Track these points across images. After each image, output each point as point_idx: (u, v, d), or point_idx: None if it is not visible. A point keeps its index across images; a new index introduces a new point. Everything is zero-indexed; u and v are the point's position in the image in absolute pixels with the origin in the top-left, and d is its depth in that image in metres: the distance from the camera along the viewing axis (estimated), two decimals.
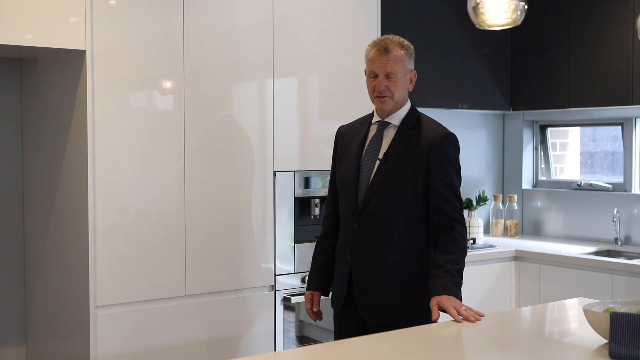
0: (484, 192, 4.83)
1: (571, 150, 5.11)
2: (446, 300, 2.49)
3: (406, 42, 2.68)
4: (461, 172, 2.72)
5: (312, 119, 3.47)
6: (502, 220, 4.89)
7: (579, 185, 4.75)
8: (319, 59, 3.46)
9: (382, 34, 3.64)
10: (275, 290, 3.30)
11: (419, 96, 4.40)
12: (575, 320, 2.51)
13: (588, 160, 5.01)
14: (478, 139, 5.03)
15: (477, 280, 4.18)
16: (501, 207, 4.90)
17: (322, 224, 2.90)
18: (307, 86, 3.48)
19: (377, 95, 2.65)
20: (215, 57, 3.12)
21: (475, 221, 4.61)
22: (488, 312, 3.97)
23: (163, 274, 3.00)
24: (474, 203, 4.74)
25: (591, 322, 2.11)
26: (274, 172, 3.29)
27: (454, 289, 2.54)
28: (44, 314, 3.21)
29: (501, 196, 4.95)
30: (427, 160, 2.60)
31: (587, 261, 4.02)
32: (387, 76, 2.63)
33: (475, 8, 2.59)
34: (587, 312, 2.11)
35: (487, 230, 4.92)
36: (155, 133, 2.98)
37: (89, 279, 2.80)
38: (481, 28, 2.68)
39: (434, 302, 2.50)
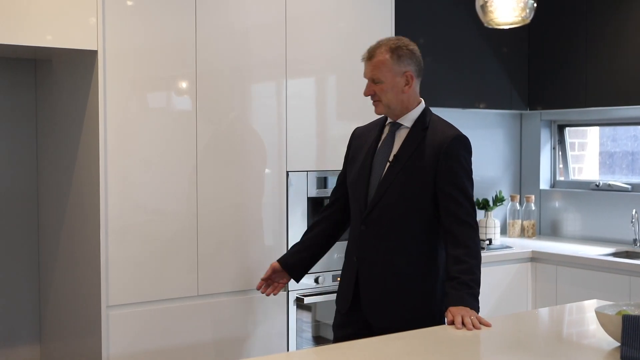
0: (500, 192, 4.80)
1: (590, 150, 5.06)
2: (456, 310, 2.44)
3: (401, 43, 2.65)
4: (473, 175, 2.67)
5: (329, 119, 3.46)
6: (519, 221, 4.85)
7: (597, 186, 4.69)
8: (335, 59, 3.45)
9: (396, 34, 3.63)
10: (288, 291, 3.29)
11: (435, 96, 4.39)
12: (592, 322, 2.48)
13: (607, 160, 4.95)
14: (495, 138, 4.99)
15: (493, 281, 4.15)
16: (518, 208, 4.86)
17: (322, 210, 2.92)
18: (323, 86, 3.47)
19: (371, 99, 2.67)
20: (227, 58, 3.12)
21: (491, 222, 4.58)
22: (504, 314, 3.94)
23: (175, 274, 3.00)
24: (491, 203, 4.71)
25: (603, 325, 2.08)
26: (287, 172, 3.28)
27: (469, 300, 2.48)
28: (57, 313, 3.22)
29: (518, 196, 4.90)
30: (437, 163, 2.57)
31: (604, 262, 3.97)
32: (373, 81, 2.63)
33: (484, 6, 2.56)
34: (600, 315, 2.08)
35: (504, 231, 4.88)
36: (168, 133, 2.98)
37: (100, 279, 2.81)
38: (489, 27, 2.66)
39: (447, 313, 2.46)
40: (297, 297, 3.30)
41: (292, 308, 3.29)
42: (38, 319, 3.36)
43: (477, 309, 2.49)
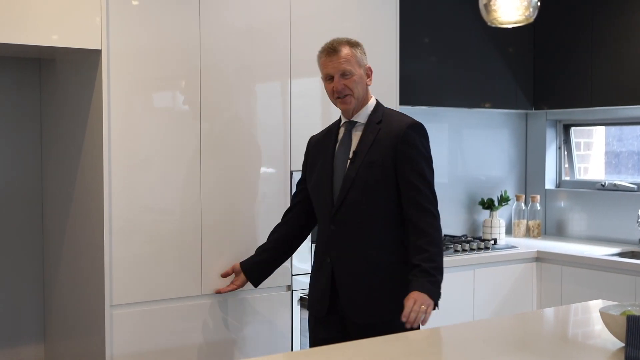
0: (506, 192, 4.79)
1: (596, 149, 5.04)
2: (413, 295, 2.49)
3: (354, 40, 2.74)
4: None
5: (333, 119, 3.43)
6: (525, 221, 4.84)
7: (603, 186, 4.68)
8: None
9: (400, 34, 3.62)
10: (292, 290, 3.28)
11: (440, 96, 4.39)
12: (598, 322, 2.46)
13: (613, 160, 4.93)
14: (500, 138, 4.98)
15: (498, 281, 4.14)
16: (523, 208, 4.84)
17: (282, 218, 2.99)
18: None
19: (337, 96, 2.70)
20: (231, 58, 3.12)
21: (496, 221, 4.57)
22: (509, 314, 3.93)
23: (179, 273, 3.00)
24: (496, 203, 4.70)
25: (608, 325, 2.08)
26: (291, 172, 3.28)
27: (430, 287, 2.53)
28: (61, 312, 3.23)
29: (524, 196, 4.89)
30: (395, 152, 2.62)
31: (610, 263, 3.95)
32: (343, 75, 2.67)
33: (487, 5, 2.55)
34: (604, 315, 2.08)
35: (509, 231, 4.87)
36: (171, 133, 2.98)
37: (104, 278, 2.81)
38: (493, 26, 2.65)
39: (407, 297, 2.51)
40: (301, 296, 3.29)
41: (296, 308, 3.29)
42: (42, 318, 3.36)
43: (437, 296, 2.55)
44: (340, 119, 2.80)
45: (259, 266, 2.97)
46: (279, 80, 3.27)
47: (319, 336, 2.75)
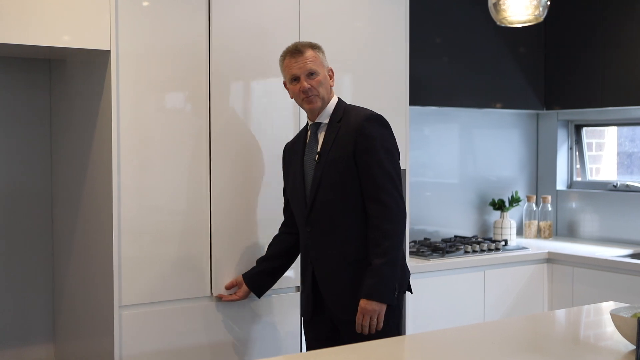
0: (517, 192, 4.76)
1: (608, 150, 5.01)
2: (361, 305, 2.57)
3: (315, 42, 2.80)
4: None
5: None
6: (536, 222, 4.81)
7: (614, 186, 4.65)
8: (350, 59, 3.42)
9: (411, 34, 3.61)
10: (301, 291, 3.27)
11: (451, 96, 4.37)
12: (609, 324, 2.45)
13: (625, 160, 4.90)
14: (511, 138, 4.96)
15: (508, 282, 4.12)
16: (535, 208, 4.82)
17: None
18: (338, 86, 3.44)
19: (304, 97, 2.72)
20: (241, 58, 3.11)
21: (507, 222, 4.55)
22: (520, 315, 3.91)
23: (188, 274, 2.99)
24: (507, 204, 4.68)
25: (619, 327, 2.06)
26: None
27: (378, 288, 2.56)
28: (71, 312, 3.23)
29: (535, 197, 4.87)
30: (354, 146, 2.63)
31: (622, 264, 3.93)
32: (309, 75, 2.71)
33: (496, 4, 2.54)
34: (615, 317, 2.06)
35: (520, 232, 4.85)
36: (180, 133, 2.98)
37: (113, 279, 2.81)
38: (502, 25, 2.64)
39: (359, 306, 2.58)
40: None
41: None
42: (52, 319, 3.37)
43: (388, 294, 2.57)
44: (307, 123, 2.84)
45: (260, 276, 3.00)
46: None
47: (309, 336, 2.84)
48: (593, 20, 4.44)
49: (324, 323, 2.77)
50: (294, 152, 2.87)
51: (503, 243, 4.34)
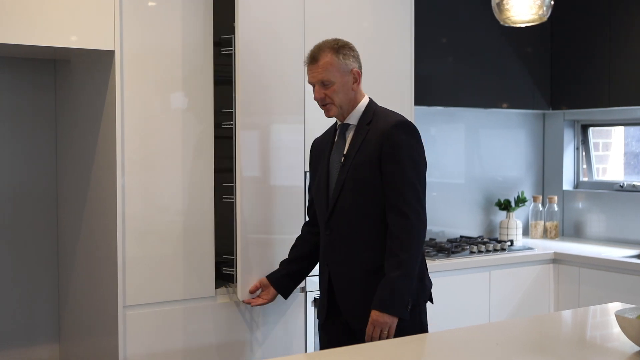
0: (523, 193, 4.75)
1: (614, 150, 4.99)
2: (374, 315, 2.51)
3: (342, 42, 2.68)
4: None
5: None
6: (542, 222, 4.80)
7: (621, 187, 4.63)
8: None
9: (417, 34, 3.60)
10: (306, 292, 3.27)
11: (457, 96, 4.36)
12: (615, 325, 2.43)
13: (632, 160, 4.88)
14: (518, 138, 4.94)
15: (514, 283, 4.11)
16: (541, 209, 4.80)
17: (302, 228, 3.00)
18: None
19: (319, 104, 2.69)
20: (245, 57, 3.10)
21: (513, 222, 4.53)
22: (525, 316, 3.90)
23: (192, 274, 2.99)
24: (513, 204, 4.66)
25: (623, 329, 2.05)
26: (305, 173, 3.26)
27: (390, 302, 2.50)
28: (76, 313, 3.23)
29: (541, 197, 4.85)
30: (380, 152, 2.57)
31: (628, 265, 3.91)
32: (322, 84, 2.64)
33: (500, 4, 2.53)
34: (619, 318, 2.05)
35: (526, 232, 4.83)
36: (184, 133, 2.97)
37: (117, 279, 2.81)
38: (505, 25, 2.62)
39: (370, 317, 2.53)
40: (314, 298, 3.27)
41: (310, 309, 3.27)
42: (57, 319, 3.37)
43: (400, 308, 2.50)
44: (336, 122, 2.79)
45: (286, 279, 2.95)
46: (293, 80, 3.25)
47: (324, 339, 2.77)
48: (599, 19, 4.42)
49: (338, 327, 2.70)
50: (321, 150, 2.80)
51: (509, 243, 4.33)
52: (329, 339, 2.73)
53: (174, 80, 2.96)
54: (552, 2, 2.54)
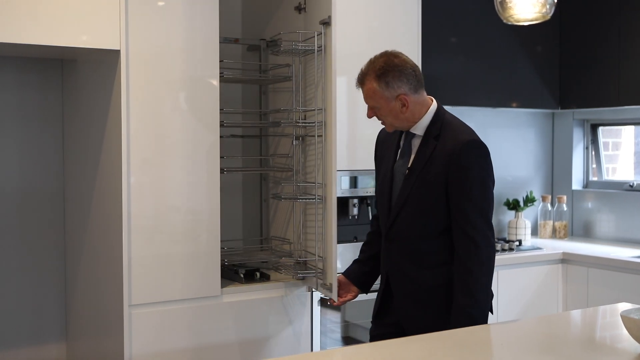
0: (532, 192, 4.73)
1: (624, 149, 4.96)
2: None
3: (387, 65, 2.51)
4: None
5: (360, 119, 3.42)
6: (551, 222, 4.77)
7: (631, 186, 4.60)
8: (365, 58, 3.40)
9: (426, 33, 3.59)
10: (312, 291, 3.26)
11: (466, 95, 4.35)
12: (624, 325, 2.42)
13: None
14: (527, 138, 4.92)
15: (523, 283, 4.09)
16: (550, 208, 4.78)
17: (370, 224, 2.89)
18: (354, 86, 3.44)
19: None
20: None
21: (522, 222, 4.51)
22: (534, 316, 3.88)
23: (198, 273, 2.99)
24: (522, 204, 4.64)
25: (629, 329, 2.03)
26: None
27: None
28: (83, 312, 3.24)
29: (550, 197, 4.82)
30: (447, 171, 2.47)
31: (638, 265, 3.88)
32: (371, 107, 2.56)
33: (503, 2, 2.51)
34: (625, 319, 2.03)
35: (534, 232, 4.81)
36: (190, 132, 2.97)
37: (123, 278, 2.81)
38: (509, 23, 2.61)
39: None
40: (321, 297, 3.27)
41: (317, 308, 3.27)
42: (64, 317, 3.38)
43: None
44: None
45: (365, 276, 2.85)
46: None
47: (373, 334, 2.72)
48: (609, 18, 4.40)
49: (388, 326, 2.65)
50: (387, 147, 2.69)
51: (517, 243, 4.31)
52: (378, 333, 2.67)
53: (179, 79, 2.96)
54: (556, 0, 2.52)
